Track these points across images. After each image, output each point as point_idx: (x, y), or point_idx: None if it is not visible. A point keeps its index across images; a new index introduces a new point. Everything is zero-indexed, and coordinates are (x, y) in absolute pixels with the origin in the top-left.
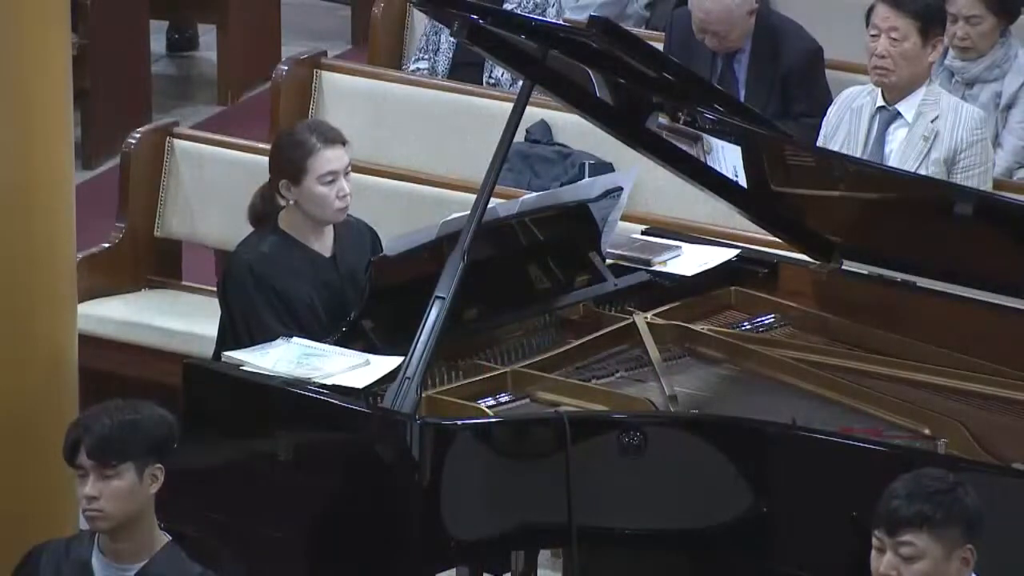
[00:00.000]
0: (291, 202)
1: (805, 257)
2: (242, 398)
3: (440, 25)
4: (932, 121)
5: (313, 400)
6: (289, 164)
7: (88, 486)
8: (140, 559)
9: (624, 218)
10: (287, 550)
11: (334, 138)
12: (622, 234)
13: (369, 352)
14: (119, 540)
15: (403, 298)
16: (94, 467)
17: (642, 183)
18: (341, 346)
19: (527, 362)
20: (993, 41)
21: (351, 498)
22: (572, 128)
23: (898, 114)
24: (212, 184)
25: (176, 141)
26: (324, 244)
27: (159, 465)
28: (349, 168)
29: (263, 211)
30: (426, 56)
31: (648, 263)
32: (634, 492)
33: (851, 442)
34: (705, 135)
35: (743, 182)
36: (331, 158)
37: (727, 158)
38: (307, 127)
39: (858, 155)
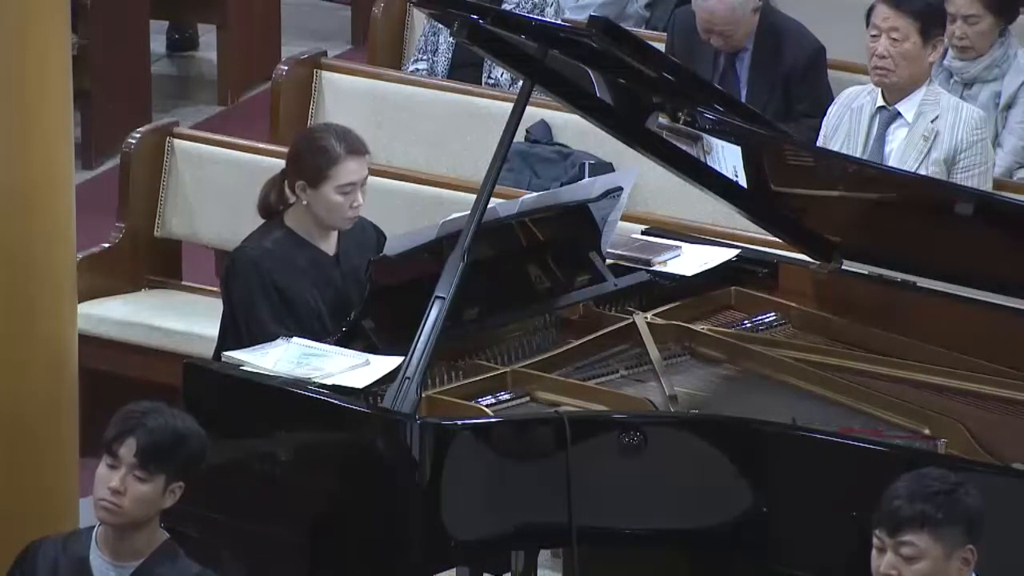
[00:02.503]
0: (304, 203)
1: (805, 257)
2: (242, 398)
3: (439, 26)
4: (932, 121)
5: (313, 400)
6: (310, 168)
7: (116, 480)
8: (138, 557)
9: (624, 218)
10: (287, 550)
11: (359, 149)
12: (622, 234)
13: (369, 352)
14: (122, 539)
15: (403, 298)
16: (132, 465)
17: (642, 183)
18: (341, 346)
19: (527, 362)
20: (992, 41)
21: (351, 498)
22: (572, 128)
23: (898, 114)
24: (212, 184)
25: (176, 141)
26: (329, 243)
27: (181, 483)
28: (366, 179)
29: (276, 205)
30: (425, 57)
31: (648, 263)
32: (634, 492)
33: (851, 442)
34: (705, 135)
35: (743, 182)
36: (353, 169)
37: (727, 158)
38: (334, 133)
39: (858, 155)
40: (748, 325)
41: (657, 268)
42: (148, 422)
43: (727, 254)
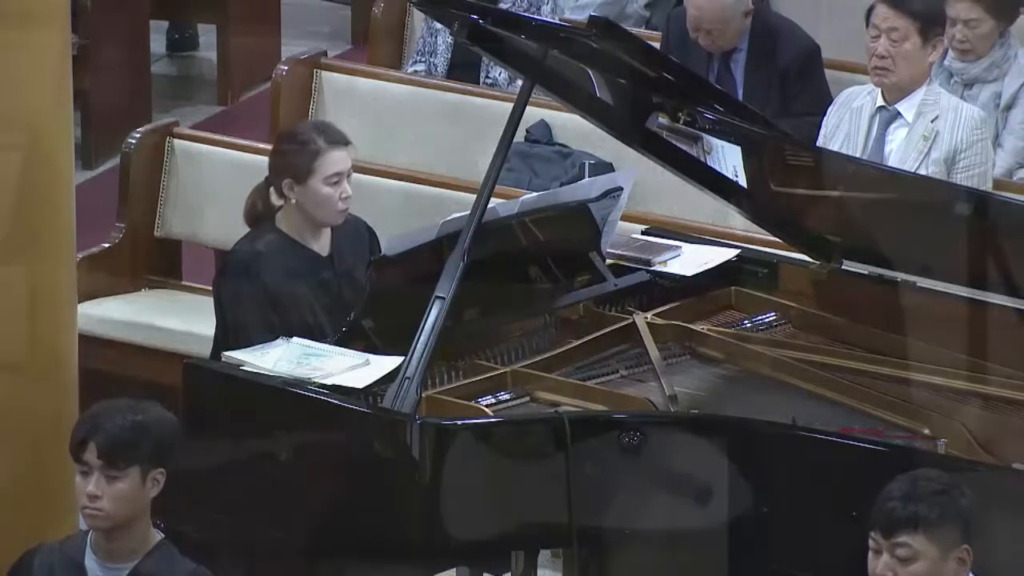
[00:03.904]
0: (292, 202)
1: (805, 257)
2: (242, 398)
3: (436, 27)
4: (932, 121)
5: (313, 400)
6: (294, 164)
7: (91, 484)
8: (133, 559)
9: (624, 218)
10: (287, 550)
11: (340, 139)
12: (622, 234)
13: (369, 352)
14: (114, 541)
15: (403, 298)
16: (101, 467)
17: (642, 183)
18: (341, 346)
19: (527, 362)
20: (992, 43)
21: (351, 498)
22: (572, 128)
23: (898, 114)
24: (212, 184)
25: (176, 141)
26: (322, 244)
27: (161, 470)
28: (351, 170)
29: (263, 212)
30: (423, 59)
31: (648, 263)
32: (634, 492)
33: (851, 442)
34: (705, 135)
35: (743, 182)
36: (337, 159)
37: (727, 158)
38: (312, 128)
39: (858, 155)
40: (748, 325)
41: (657, 268)
42: (103, 422)
43: (727, 254)
